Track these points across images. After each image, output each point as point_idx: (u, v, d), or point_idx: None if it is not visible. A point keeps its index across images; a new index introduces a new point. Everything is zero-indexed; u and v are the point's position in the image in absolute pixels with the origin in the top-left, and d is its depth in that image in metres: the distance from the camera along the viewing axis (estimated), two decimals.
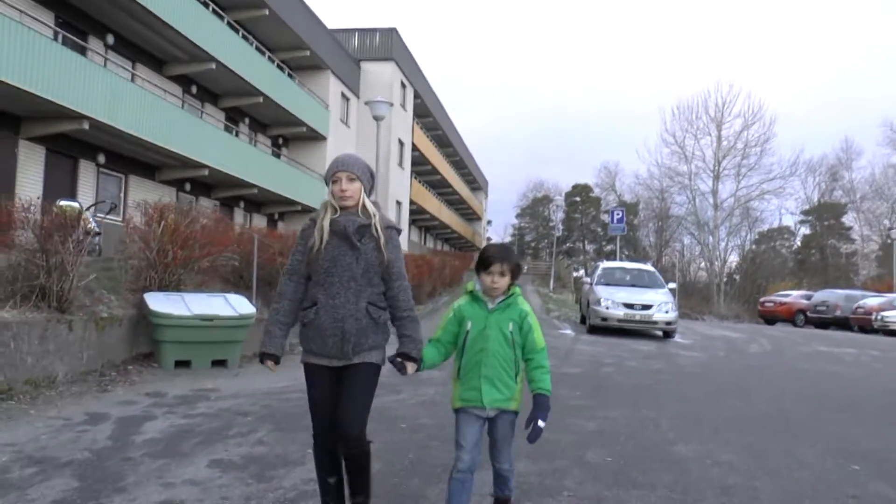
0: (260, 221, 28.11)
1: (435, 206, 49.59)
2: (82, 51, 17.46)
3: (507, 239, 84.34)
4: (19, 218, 7.49)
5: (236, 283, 12.33)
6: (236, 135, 25.64)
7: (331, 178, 3.49)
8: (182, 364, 8.67)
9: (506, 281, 3.54)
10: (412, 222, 46.30)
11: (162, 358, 8.57)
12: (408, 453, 5.29)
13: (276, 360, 3.54)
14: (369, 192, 3.56)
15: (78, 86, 15.67)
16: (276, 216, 29.68)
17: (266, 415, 6.44)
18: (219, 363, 8.96)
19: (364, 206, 3.48)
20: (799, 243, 68.82)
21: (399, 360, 3.51)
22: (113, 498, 4.16)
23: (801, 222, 67.18)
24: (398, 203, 39.20)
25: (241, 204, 26.77)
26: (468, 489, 3.53)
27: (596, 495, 4.48)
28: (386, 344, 3.54)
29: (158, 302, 8.67)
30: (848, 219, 63.95)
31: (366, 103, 19.95)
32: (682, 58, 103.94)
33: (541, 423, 3.40)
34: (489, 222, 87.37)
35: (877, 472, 5.26)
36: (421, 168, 46.20)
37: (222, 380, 8.18)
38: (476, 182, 71.01)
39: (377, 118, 18.04)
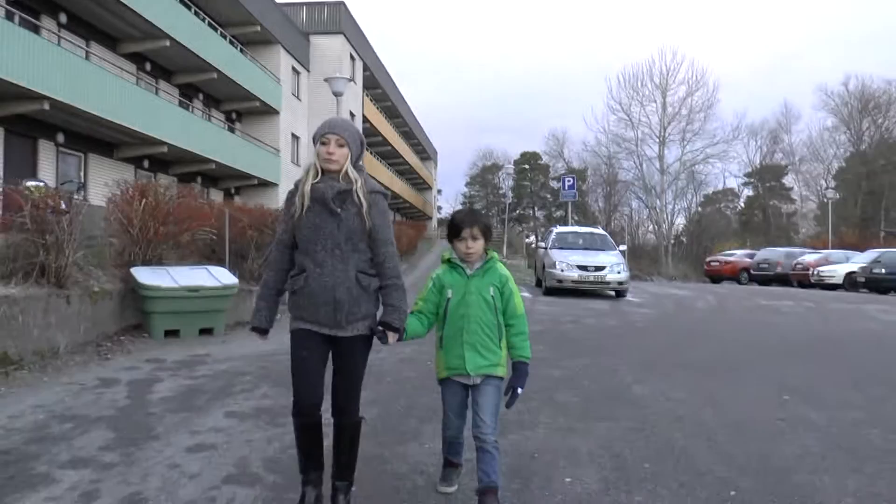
0: (217, 196, 28.27)
1: (387, 176, 49.97)
2: (35, 30, 17.47)
3: (458, 207, 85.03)
4: (17, 200, 7.86)
5: (209, 256, 12.79)
6: (191, 110, 25.75)
7: (319, 138, 3.42)
8: (171, 333, 9.20)
9: (479, 244, 3.55)
10: None
11: (152, 328, 9.08)
12: (399, 400, 5.97)
13: (264, 332, 3.53)
14: (356, 161, 3.47)
15: (36, 66, 15.79)
16: (233, 190, 29.88)
17: (263, 374, 7.04)
18: (206, 331, 9.50)
19: (346, 172, 3.40)
20: (743, 205, 70.83)
21: (381, 328, 3.42)
22: (151, 444, 4.75)
23: (745, 184, 69.16)
24: None
25: (199, 179, 26.88)
26: (461, 445, 3.75)
27: (568, 427, 5.22)
28: (376, 312, 3.48)
29: (146, 275, 9.16)
30: (788, 180, 66.08)
31: (325, 80, 20.28)
32: (626, 24, 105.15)
33: (519, 391, 3.44)
34: (439, 191, 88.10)
35: (802, 400, 6.12)
36: (372, 139, 46.48)
37: (212, 346, 8.74)
38: (426, 152, 71.49)
39: (336, 94, 18.47)
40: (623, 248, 20.37)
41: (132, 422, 5.31)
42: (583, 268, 16.85)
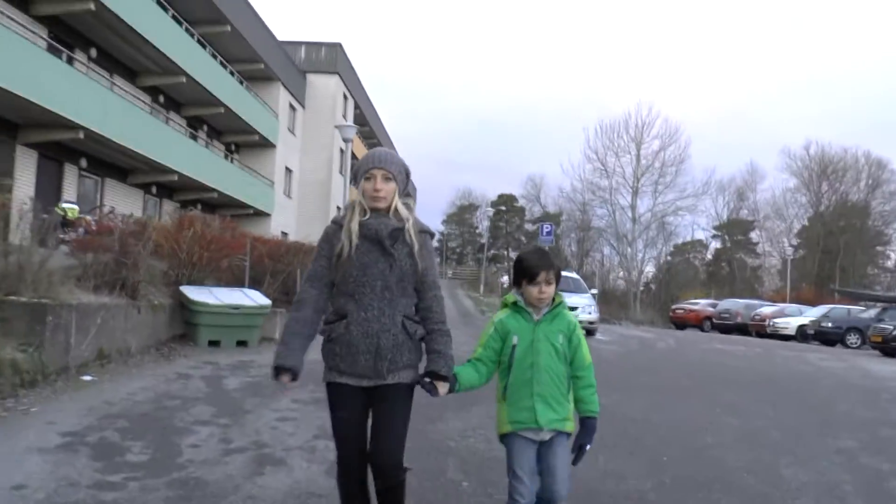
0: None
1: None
2: (70, 62, 19.14)
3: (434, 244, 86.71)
4: (108, 226, 9.54)
5: (228, 280, 14.43)
6: (196, 140, 27.43)
7: (363, 174, 3.17)
8: (213, 343, 10.84)
9: (552, 289, 3.31)
10: None
11: (197, 338, 10.72)
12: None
13: (295, 376, 3.11)
14: (402, 194, 3.22)
15: (74, 97, 17.43)
16: (229, 218, 31.39)
17: (305, 377, 8.71)
18: (241, 343, 11.14)
19: (396, 208, 3.16)
20: (710, 256, 73.42)
21: (428, 380, 3.14)
22: (246, 416, 6.46)
23: (713, 237, 71.82)
24: (338, 208, 41.24)
25: (199, 206, 28.48)
26: None
27: None
28: (419, 363, 3.21)
29: (194, 293, 10.83)
30: (755, 235, 68.88)
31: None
32: (606, 77, 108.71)
33: (587, 448, 3.26)
34: None
35: (728, 413, 7.99)
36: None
37: (251, 355, 10.41)
38: (406, 190, 73.55)
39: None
40: (594, 291, 22.29)
41: (223, 402, 7.01)
42: None
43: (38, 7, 18.01)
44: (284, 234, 30.88)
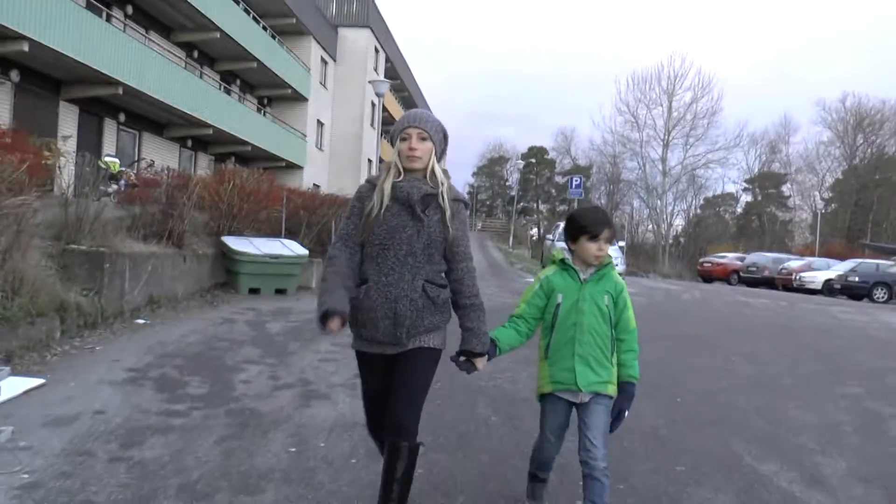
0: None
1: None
2: (108, 19, 19.57)
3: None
4: (154, 180, 10.05)
5: (265, 230, 14.97)
6: (229, 94, 27.85)
7: (399, 134, 3.06)
8: (253, 291, 11.41)
9: (608, 248, 3.26)
10: None
11: (239, 285, 11.30)
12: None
13: (344, 320, 2.88)
14: (440, 157, 3.12)
15: (112, 54, 17.90)
16: (266, 171, 31.98)
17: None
18: (280, 291, 11.71)
19: (433, 171, 3.05)
20: (741, 210, 72.97)
21: (462, 358, 3.12)
22: (291, 356, 6.99)
23: (744, 190, 71.28)
24: (369, 161, 41.62)
25: (233, 159, 29.04)
26: (552, 461, 3.49)
27: None
28: (446, 325, 3.11)
29: (235, 243, 11.38)
30: (786, 188, 68.24)
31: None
32: (639, 27, 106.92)
33: (625, 414, 3.21)
34: None
35: (745, 360, 8.39)
36: (389, 128, 48.60)
37: (290, 302, 10.97)
38: (443, 152, 73.75)
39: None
40: (622, 243, 22.60)
41: (268, 344, 7.56)
42: None
43: None
44: (317, 186, 31.37)
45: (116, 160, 17.66)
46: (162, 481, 3.67)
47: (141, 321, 8.18)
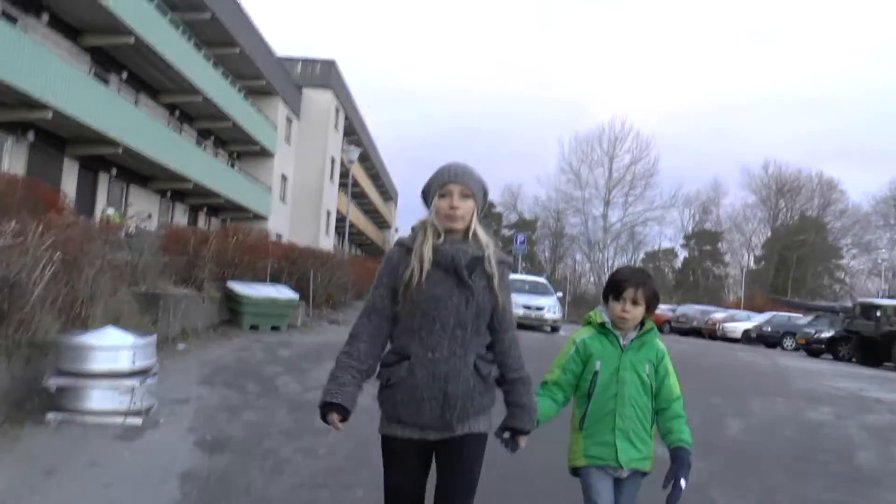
0: (216, 225, 32.71)
1: (355, 215, 54.77)
2: (106, 84, 21.94)
3: None
4: (182, 235, 12.46)
5: (250, 277, 17.34)
6: (204, 149, 30.23)
7: (438, 189, 2.74)
8: (253, 327, 13.77)
9: (640, 311, 3.00)
10: (336, 229, 51.34)
11: (242, 323, 13.65)
12: None
13: (345, 416, 2.68)
14: (480, 215, 2.80)
15: (115, 117, 20.26)
16: (228, 220, 34.28)
17: (334, 350, 11.69)
18: (275, 328, 14.10)
19: (475, 232, 2.75)
20: (679, 265, 77.11)
21: (508, 434, 2.84)
22: (308, 371, 9.44)
23: (682, 246, 75.55)
24: (328, 213, 44.14)
25: (205, 209, 31.38)
26: None
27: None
28: (493, 406, 2.81)
29: (239, 287, 13.77)
30: (722, 245, 72.70)
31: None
32: (580, 91, 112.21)
33: (682, 483, 2.88)
34: (396, 230, 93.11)
35: None
36: (344, 181, 51.29)
37: (285, 337, 13.38)
38: (388, 193, 76.57)
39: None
40: (560, 294, 25.42)
41: (285, 363, 10.03)
42: (527, 307, 21.71)
43: (86, 39, 20.83)
44: (279, 236, 33.69)
45: (117, 211, 19.98)
46: (265, 429, 6.16)
47: (181, 347, 10.55)
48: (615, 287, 3.05)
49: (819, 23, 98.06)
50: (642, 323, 3.06)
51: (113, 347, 6.04)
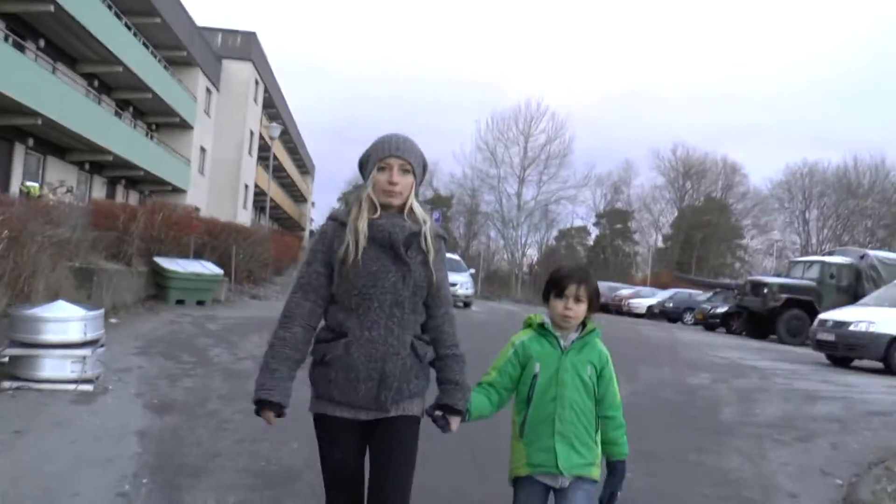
0: (134, 197, 32.48)
1: (273, 190, 54.61)
2: (21, 50, 21.61)
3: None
4: (113, 211, 12.83)
5: (174, 252, 17.71)
6: (123, 120, 29.94)
7: (376, 163, 2.62)
8: (179, 301, 14.27)
9: (582, 309, 2.87)
10: (254, 203, 51.16)
11: (168, 297, 14.13)
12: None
13: (280, 412, 2.57)
14: (418, 191, 2.73)
15: (33, 86, 20.08)
16: (147, 193, 34.06)
17: (260, 325, 12.35)
18: (200, 302, 14.62)
19: (412, 207, 2.67)
20: (592, 243, 79.55)
21: (440, 413, 2.70)
22: (237, 343, 10.11)
23: (595, 224, 77.92)
24: (245, 186, 44.08)
25: (123, 182, 31.14)
26: None
27: None
28: (427, 390, 2.73)
29: (166, 263, 14.23)
30: (632, 224, 75.38)
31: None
32: (499, 69, 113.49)
33: (618, 496, 2.89)
34: (313, 203, 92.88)
35: None
36: (262, 154, 51.15)
37: (211, 311, 13.94)
38: (305, 166, 76.29)
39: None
40: (472, 271, 26.52)
41: (214, 335, 10.66)
42: None
43: (3, 5, 20.51)
44: (197, 209, 33.69)
45: (36, 185, 19.86)
46: (205, 394, 6.87)
47: (114, 320, 11.03)
48: (556, 284, 2.90)
49: (724, 9, 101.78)
50: (584, 325, 2.93)
51: (65, 319, 6.62)
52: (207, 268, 14.94)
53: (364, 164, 2.72)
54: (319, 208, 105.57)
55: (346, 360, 2.55)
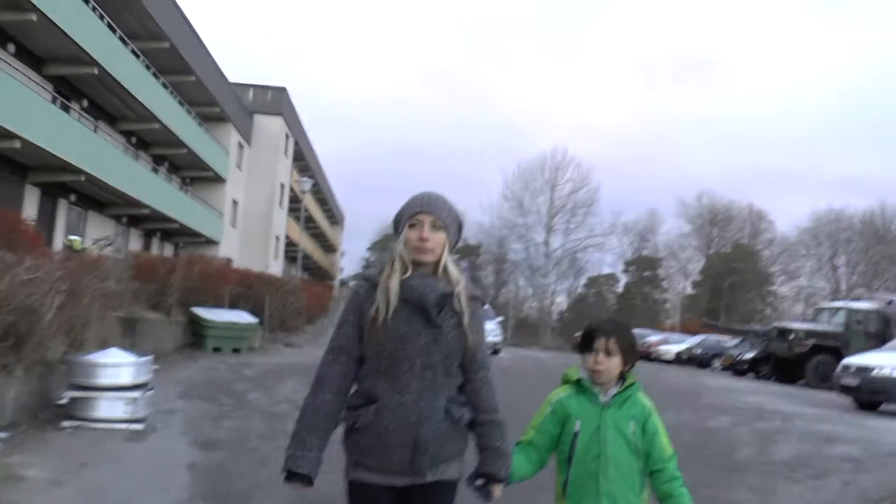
0: (168, 249, 33.45)
1: (303, 240, 55.63)
2: (66, 110, 22.71)
3: (357, 270, 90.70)
4: (152, 264, 13.51)
5: (210, 302, 18.37)
6: (159, 175, 31.02)
7: (408, 219, 2.59)
8: (216, 349, 14.84)
9: (614, 363, 2.78)
10: (285, 254, 52.14)
11: (205, 345, 14.72)
12: None
13: (310, 483, 2.53)
14: (453, 248, 2.66)
15: (77, 144, 21.07)
16: (181, 244, 35.02)
17: (294, 371, 12.84)
18: (235, 350, 15.18)
19: (445, 267, 2.59)
20: (621, 290, 79.50)
21: (481, 481, 2.64)
22: (272, 388, 10.59)
23: (623, 271, 78.01)
24: (276, 238, 45.05)
25: (158, 234, 32.14)
26: None
27: None
28: (464, 453, 2.64)
29: (203, 313, 14.85)
30: (662, 271, 75.39)
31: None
32: (522, 121, 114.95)
33: None
34: (343, 253, 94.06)
35: None
36: (293, 206, 52.26)
37: (247, 358, 14.47)
38: (335, 217, 77.59)
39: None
40: (500, 318, 26.94)
41: (250, 381, 11.16)
42: None
43: (50, 68, 21.68)
44: (229, 260, 34.60)
45: (78, 239, 20.72)
46: (246, 433, 7.34)
47: (155, 367, 11.56)
48: (585, 338, 2.85)
49: (748, 57, 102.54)
50: (623, 378, 2.83)
51: (117, 364, 7.20)
52: (242, 317, 15.53)
53: (397, 223, 2.65)
54: (349, 257, 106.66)
55: (378, 427, 2.48)
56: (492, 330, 23.53)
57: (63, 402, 7.16)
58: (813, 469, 7.78)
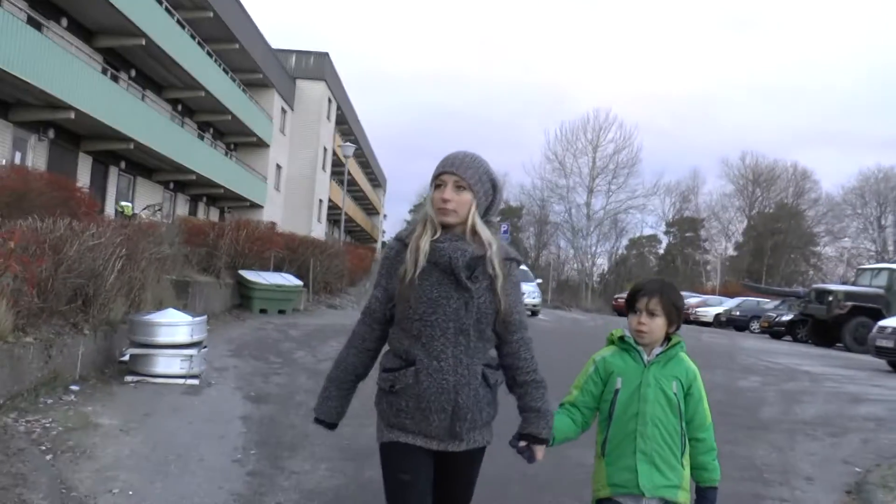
0: (214, 213, 34.30)
1: (347, 203, 56.37)
2: (115, 80, 23.40)
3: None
4: (202, 229, 14.12)
5: (255, 265, 19.00)
6: (205, 141, 31.76)
7: (434, 180, 2.57)
8: (262, 311, 15.47)
9: (658, 323, 2.73)
10: (328, 217, 52.94)
11: (252, 307, 15.34)
12: None
13: (330, 427, 2.77)
14: (485, 211, 2.60)
15: (127, 114, 21.78)
16: (227, 209, 35.87)
17: (337, 331, 13.40)
18: (281, 311, 15.80)
19: (475, 228, 2.53)
20: (662, 251, 79.15)
21: (524, 443, 2.62)
22: (318, 347, 11.14)
23: (665, 233, 77.60)
24: (320, 201, 45.75)
25: (204, 199, 32.99)
26: None
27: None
28: (496, 416, 2.67)
29: (250, 275, 15.46)
30: (703, 232, 74.83)
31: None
32: (567, 80, 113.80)
33: None
34: (385, 216, 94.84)
35: None
36: (336, 169, 52.90)
37: (292, 319, 15.08)
38: (377, 179, 78.19)
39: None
40: (539, 280, 27.28)
41: (296, 341, 11.73)
42: None
43: (100, 41, 22.34)
44: (273, 223, 35.35)
45: (130, 205, 21.51)
46: (293, 388, 7.88)
47: (207, 327, 12.24)
48: (629, 299, 2.82)
49: (795, 12, 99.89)
50: (669, 339, 2.78)
51: (175, 324, 7.74)
52: (288, 279, 16.12)
53: (432, 184, 2.62)
54: (391, 220, 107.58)
55: (417, 390, 2.49)
56: (531, 292, 23.94)
57: (125, 358, 7.75)
58: (834, 427, 8.08)
